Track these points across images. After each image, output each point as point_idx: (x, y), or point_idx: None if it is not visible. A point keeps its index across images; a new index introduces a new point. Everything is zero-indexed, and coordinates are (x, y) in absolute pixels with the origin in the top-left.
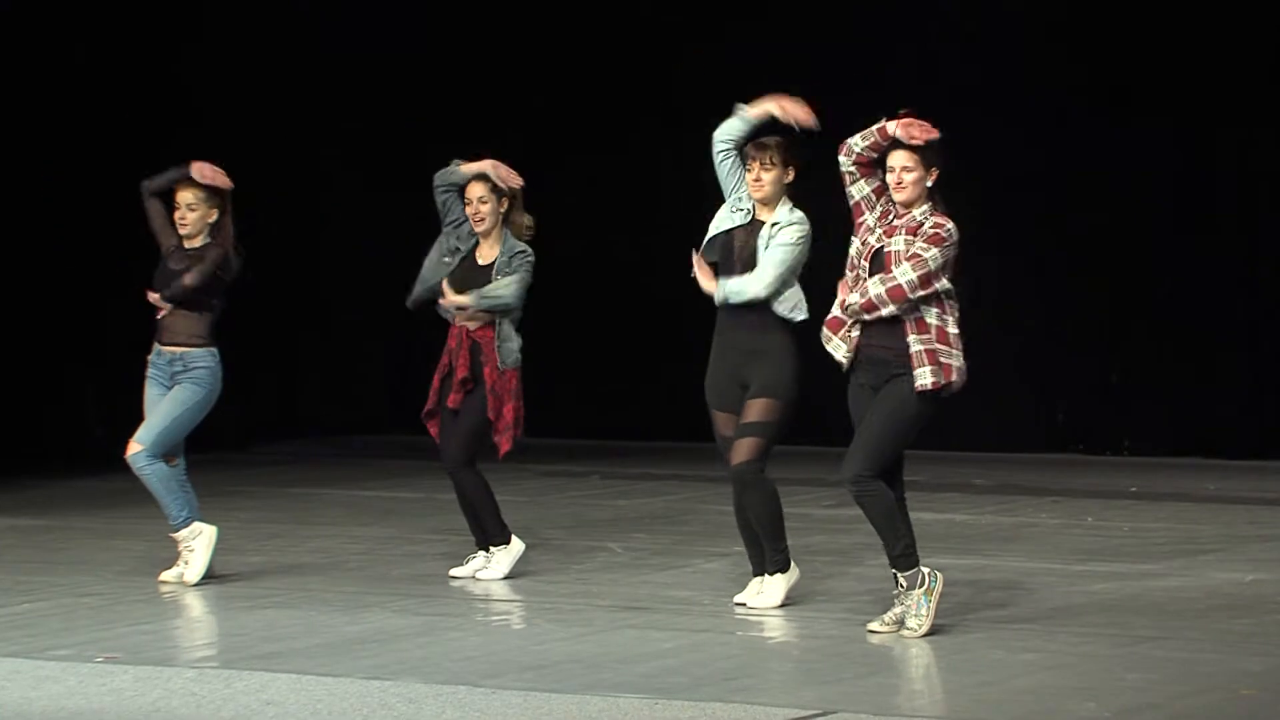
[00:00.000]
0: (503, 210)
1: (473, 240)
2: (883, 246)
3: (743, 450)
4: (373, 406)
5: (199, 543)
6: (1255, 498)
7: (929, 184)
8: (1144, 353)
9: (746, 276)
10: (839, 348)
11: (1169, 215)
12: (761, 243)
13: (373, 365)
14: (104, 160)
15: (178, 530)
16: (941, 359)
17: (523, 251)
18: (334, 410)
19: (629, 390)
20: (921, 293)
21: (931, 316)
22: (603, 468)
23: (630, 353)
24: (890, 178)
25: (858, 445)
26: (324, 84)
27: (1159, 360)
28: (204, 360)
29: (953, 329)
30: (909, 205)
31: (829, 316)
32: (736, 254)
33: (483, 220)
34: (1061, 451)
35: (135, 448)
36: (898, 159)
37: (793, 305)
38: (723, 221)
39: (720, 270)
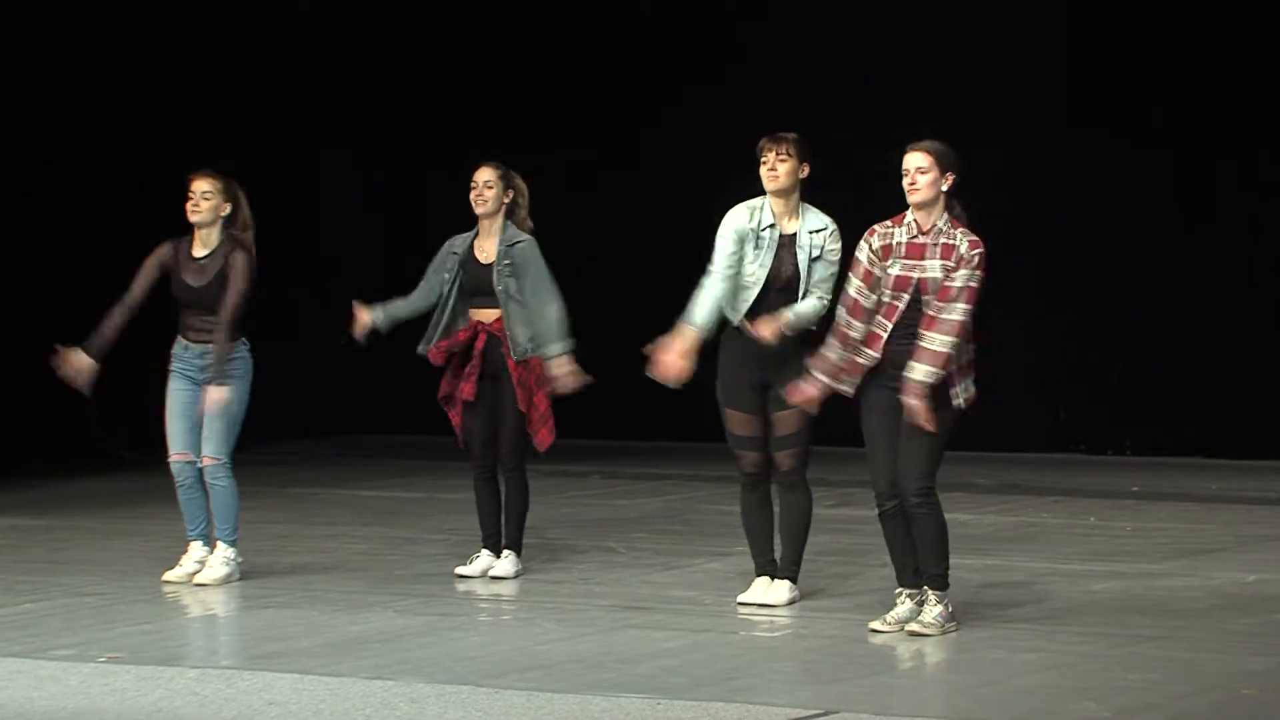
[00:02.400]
0: (506, 201)
1: (467, 243)
2: (913, 274)
3: (786, 461)
4: (374, 406)
5: (234, 564)
6: (1257, 497)
7: (944, 188)
8: (1146, 352)
9: (805, 305)
10: (848, 383)
11: (1171, 214)
12: (803, 253)
13: (374, 365)
14: (108, 160)
15: (225, 541)
16: (964, 365)
17: (520, 242)
18: (335, 410)
19: (631, 390)
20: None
21: (956, 313)
22: (603, 468)
23: (632, 353)
24: (905, 180)
25: (912, 458)
26: (328, 85)
27: (1161, 360)
28: (236, 352)
29: (967, 358)
30: (922, 208)
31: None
32: (772, 275)
33: (485, 202)
34: (1063, 451)
35: (211, 461)
36: (912, 160)
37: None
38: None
39: (758, 296)
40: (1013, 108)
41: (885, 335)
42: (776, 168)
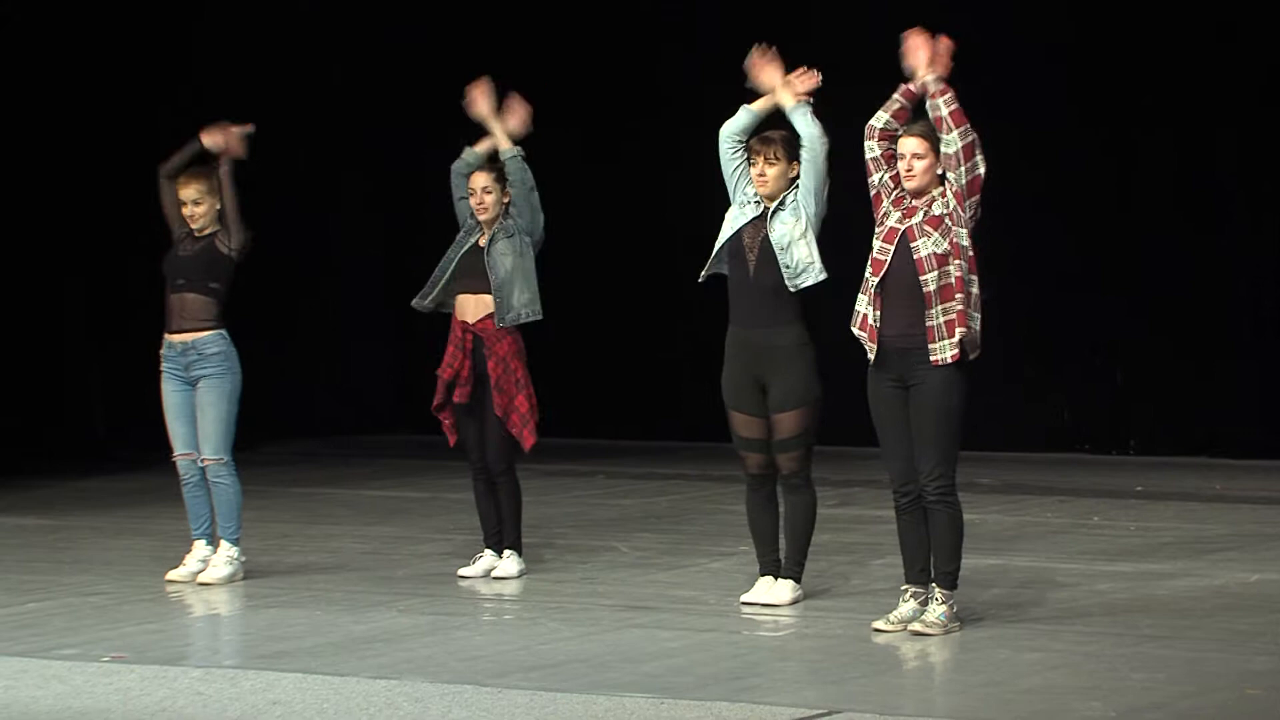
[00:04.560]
0: (506, 202)
1: (477, 230)
2: (901, 225)
3: (788, 463)
4: (378, 406)
5: (238, 563)
6: (1261, 497)
7: (939, 173)
8: (1150, 352)
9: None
10: (870, 346)
11: (1175, 213)
12: (773, 220)
13: (378, 364)
14: (109, 159)
15: (228, 540)
16: (960, 325)
17: (510, 220)
18: (339, 409)
19: (635, 390)
20: (965, 165)
21: (958, 270)
22: (608, 467)
23: (637, 353)
24: (900, 165)
25: (929, 452)
26: (329, 85)
27: (1165, 359)
28: (215, 344)
29: (974, 289)
30: (920, 194)
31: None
32: (748, 248)
33: (486, 210)
34: (1067, 451)
35: (211, 461)
36: (908, 145)
37: (816, 268)
38: (734, 221)
39: (732, 271)
40: (1013, 107)
41: (878, 294)
42: (765, 172)
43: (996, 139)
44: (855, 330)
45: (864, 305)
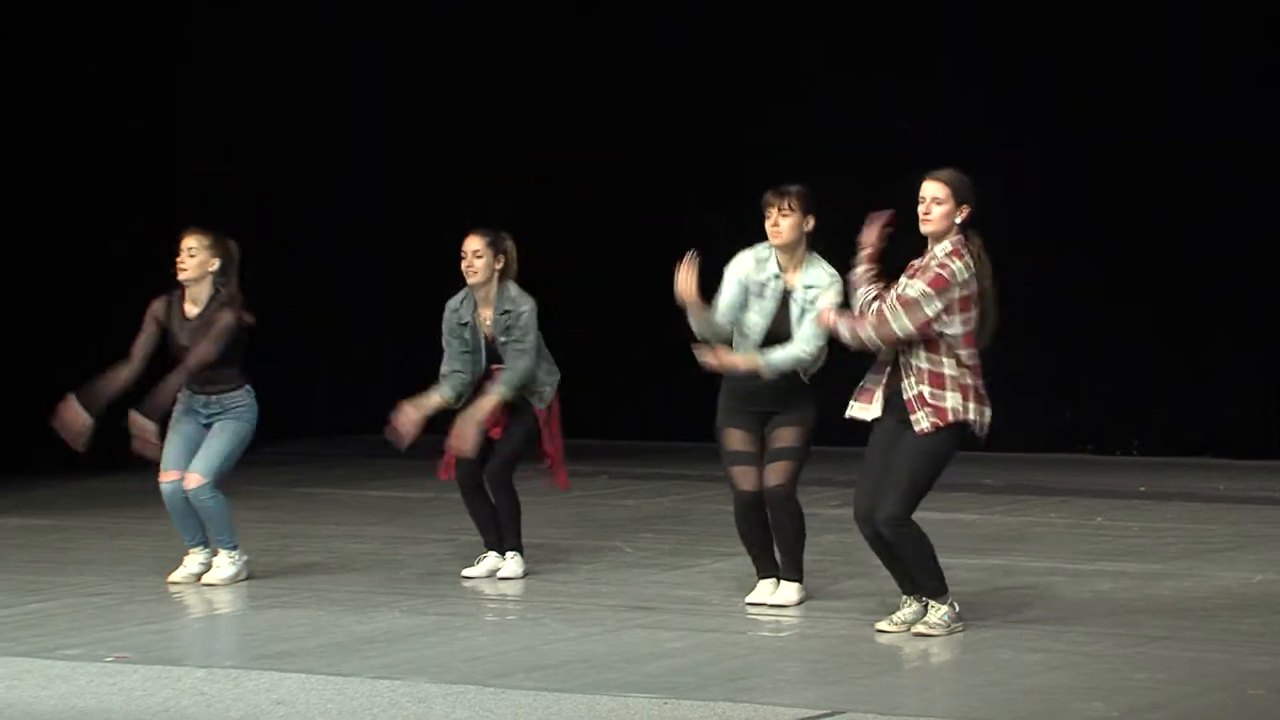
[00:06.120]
0: (497, 267)
1: (470, 311)
2: (905, 289)
3: (777, 473)
4: (378, 406)
5: (241, 564)
6: (1264, 497)
7: (958, 220)
8: (1152, 352)
9: (788, 347)
10: (867, 410)
11: (1176, 213)
12: (796, 306)
13: (379, 364)
14: (113, 159)
15: (226, 549)
16: (931, 402)
17: (508, 312)
18: (339, 409)
19: (637, 390)
20: (915, 336)
21: (921, 361)
22: (611, 468)
23: (638, 352)
24: (920, 209)
25: (890, 487)
26: (330, 85)
27: (1168, 360)
28: (242, 400)
29: (949, 370)
30: (936, 238)
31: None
32: (773, 327)
33: (476, 272)
34: (1070, 451)
35: (195, 481)
36: (929, 189)
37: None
38: (762, 309)
39: (758, 346)
40: (1015, 108)
41: (889, 361)
42: (779, 223)
43: (996, 140)
44: (855, 407)
45: (874, 382)
